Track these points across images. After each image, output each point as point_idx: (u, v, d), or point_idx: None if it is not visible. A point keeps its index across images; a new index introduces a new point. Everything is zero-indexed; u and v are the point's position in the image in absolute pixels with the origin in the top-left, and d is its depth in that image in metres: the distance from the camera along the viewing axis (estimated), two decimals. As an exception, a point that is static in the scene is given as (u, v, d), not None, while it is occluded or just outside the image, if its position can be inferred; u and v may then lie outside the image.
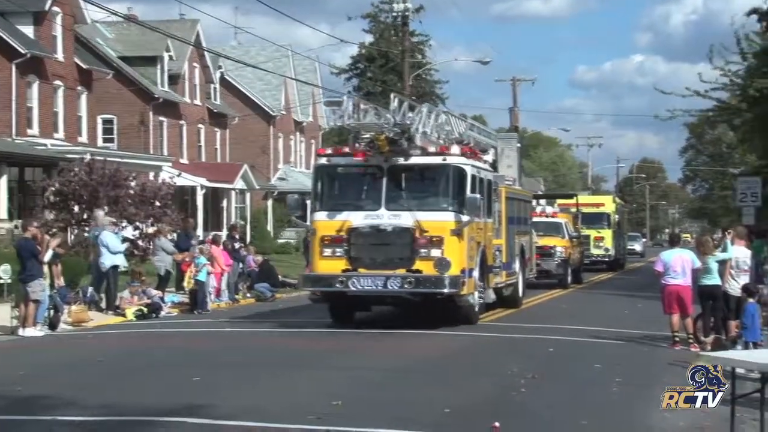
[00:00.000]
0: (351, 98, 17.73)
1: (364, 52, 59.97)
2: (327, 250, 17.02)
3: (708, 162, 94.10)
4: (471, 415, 9.92)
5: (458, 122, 20.51)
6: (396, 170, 17.16)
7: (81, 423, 9.37)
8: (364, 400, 10.67)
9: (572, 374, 12.79)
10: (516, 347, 15.50)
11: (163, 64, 44.59)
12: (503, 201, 20.70)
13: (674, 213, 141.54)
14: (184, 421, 9.34)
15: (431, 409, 10.13)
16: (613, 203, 43.23)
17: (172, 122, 45.35)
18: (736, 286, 14.89)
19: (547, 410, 10.35)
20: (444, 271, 16.49)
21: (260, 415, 9.54)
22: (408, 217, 16.78)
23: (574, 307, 23.30)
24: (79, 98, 39.25)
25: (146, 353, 14.58)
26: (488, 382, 12.05)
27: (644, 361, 14.12)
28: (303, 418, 9.45)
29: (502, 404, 10.61)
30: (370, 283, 16.61)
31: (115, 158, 32.61)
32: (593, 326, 18.00)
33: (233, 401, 10.34)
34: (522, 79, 57.14)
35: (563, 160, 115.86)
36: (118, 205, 27.90)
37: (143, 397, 10.67)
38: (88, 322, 18.49)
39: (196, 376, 11.99)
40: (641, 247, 66.10)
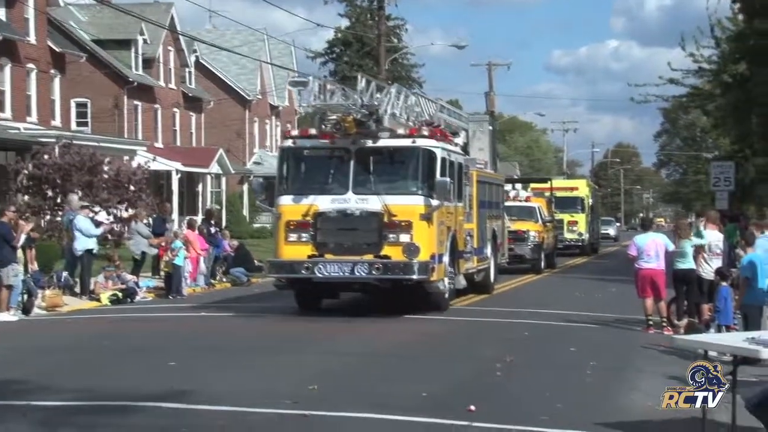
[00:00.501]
0: (317, 78, 17.34)
1: (340, 36, 59.82)
2: (292, 235, 16.70)
3: (682, 147, 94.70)
4: (448, 399, 9.96)
5: (428, 104, 20.17)
6: (364, 153, 16.79)
7: (56, 408, 9.35)
8: (339, 385, 10.70)
9: (547, 358, 12.88)
10: (490, 331, 15.55)
11: (137, 47, 44.26)
12: (474, 185, 20.41)
13: (648, 197, 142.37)
14: (160, 406, 9.33)
15: (408, 393, 10.16)
16: (586, 187, 43.00)
17: (146, 106, 45.05)
18: (709, 269, 15.02)
19: (522, 393, 10.42)
20: (413, 257, 16.18)
21: (236, 400, 9.55)
22: (376, 201, 16.46)
23: (547, 291, 23.30)
24: (52, 81, 38.89)
25: (121, 338, 14.53)
26: (463, 366, 12.11)
27: (618, 345, 14.23)
28: (279, 402, 9.46)
29: (478, 388, 10.67)
30: (336, 269, 16.26)
31: (89, 142, 32.36)
32: (567, 310, 18.11)
33: (209, 386, 10.33)
34: (497, 64, 57.16)
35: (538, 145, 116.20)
36: (91, 190, 27.73)
37: (119, 381, 10.65)
38: (62, 307, 18.40)
39: (171, 361, 11.97)
40: (615, 231, 66.12)
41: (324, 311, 17.71)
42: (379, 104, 16.66)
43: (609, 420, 8.96)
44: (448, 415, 9.01)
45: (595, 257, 40.83)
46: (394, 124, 17.04)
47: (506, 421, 8.86)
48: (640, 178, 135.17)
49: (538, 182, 41.36)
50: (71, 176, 27.66)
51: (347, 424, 8.86)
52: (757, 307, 12.86)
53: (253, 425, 8.75)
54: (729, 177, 34.24)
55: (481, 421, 8.83)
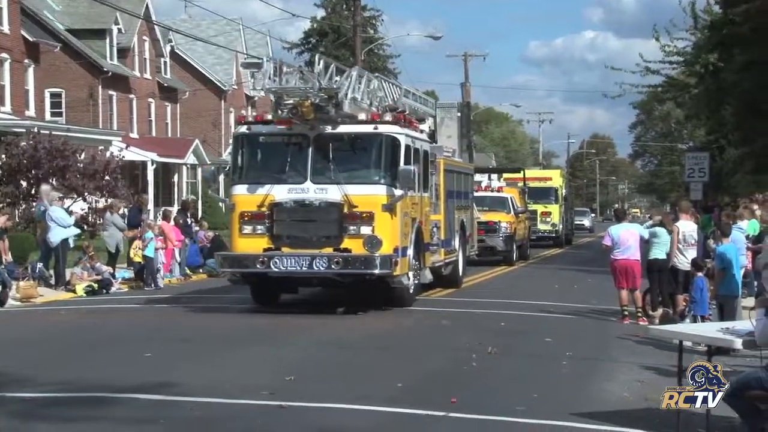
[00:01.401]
0: (272, 60, 16.21)
1: (316, 26, 59.69)
2: (247, 227, 15.89)
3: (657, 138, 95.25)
4: (424, 390, 9.99)
5: (392, 88, 19.11)
6: (323, 140, 15.92)
7: (32, 400, 9.30)
8: (316, 376, 10.70)
9: (522, 348, 12.92)
10: (463, 323, 15.50)
11: (111, 37, 43.95)
12: (441, 174, 19.49)
13: (624, 188, 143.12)
14: (136, 398, 9.31)
15: (384, 384, 10.18)
16: (560, 178, 42.29)
17: (121, 96, 44.77)
18: (684, 260, 15.12)
19: (498, 384, 10.46)
20: (374, 250, 15.36)
21: (213, 391, 9.53)
22: (336, 191, 15.63)
23: (520, 283, 22.98)
24: (26, 71, 38.57)
25: (96, 329, 14.46)
26: (439, 357, 12.12)
27: (594, 335, 14.30)
28: (256, 393, 9.45)
29: (454, 378, 10.70)
30: (293, 263, 15.41)
31: (63, 132, 32.12)
32: (542, 301, 18.16)
33: (185, 377, 10.31)
34: (474, 55, 57.38)
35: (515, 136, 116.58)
36: (65, 178, 27.54)
37: (95, 373, 10.60)
38: (36, 298, 18.28)
39: (147, 353, 11.93)
40: (590, 222, 65.57)
41: (288, 305, 16.97)
42: (339, 88, 15.81)
43: (585, 410, 9.01)
44: (425, 406, 9.04)
45: (570, 248, 40.51)
46: (355, 109, 16.25)
47: (482, 412, 8.90)
48: (616, 169, 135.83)
49: (510, 172, 40.83)
50: (43, 165, 27.47)
51: (325, 415, 8.87)
52: (732, 298, 12.97)
53: (231, 416, 8.74)
54: (703, 168, 34.47)
55: (458, 412, 8.87)
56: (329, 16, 58.93)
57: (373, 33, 57.54)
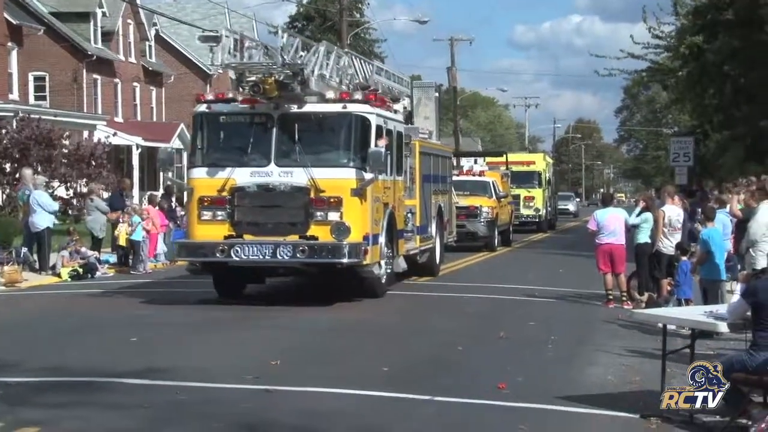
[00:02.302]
0: (232, 33, 15.18)
1: (302, 10, 59.47)
2: (206, 213, 14.92)
3: (642, 122, 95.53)
4: (409, 374, 10.03)
5: (364, 65, 18.08)
6: (287, 119, 14.98)
7: (18, 384, 9.29)
8: (301, 360, 10.72)
9: (506, 332, 12.95)
10: (443, 308, 15.46)
11: (96, 20, 43.68)
12: (417, 156, 18.53)
13: (609, 173, 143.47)
14: (122, 382, 9.31)
15: (369, 368, 10.22)
16: (543, 161, 41.56)
17: (106, 80, 44.53)
18: (669, 244, 15.18)
19: (482, 367, 10.51)
20: (342, 238, 14.40)
21: (198, 376, 9.54)
22: (301, 175, 14.67)
23: (502, 269, 22.31)
24: (9, 55, 38.32)
25: (81, 314, 14.44)
26: (422, 342, 12.15)
27: (578, 319, 14.37)
28: (241, 378, 9.47)
29: (438, 362, 10.74)
30: (256, 251, 14.46)
31: (47, 116, 31.97)
32: (526, 285, 18.19)
33: (170, 362, 10.31)
34: (460, 39, 57.33)
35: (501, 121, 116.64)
36: (51, 165, 27.42)
37: (81, 358, 10.60)
38: (21, 283, 18.22)
39: (132, 337, 11.93)
40: (575, 207, 65.10)
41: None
42: (306, 64, 14.90)
43: (569, 393, 9.07)
44: (411, 390, 9.08)
45: (554, 233, 40.05)
46: (322, 86, 15.34)
47: (467, 395, 8.94)
48: (601, 154, 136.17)
49: (492, 156, 39.70)
50: (29, 151, 27.34)
51: (310, 399, 8.89)
52: (716, 282, 13.06)
53: (217, 400, 8.75)
54: (688, 152, 34.62)
55: (442, 395, 8.91)
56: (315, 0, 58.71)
57: (359, 17, 57.39)
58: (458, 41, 56.77)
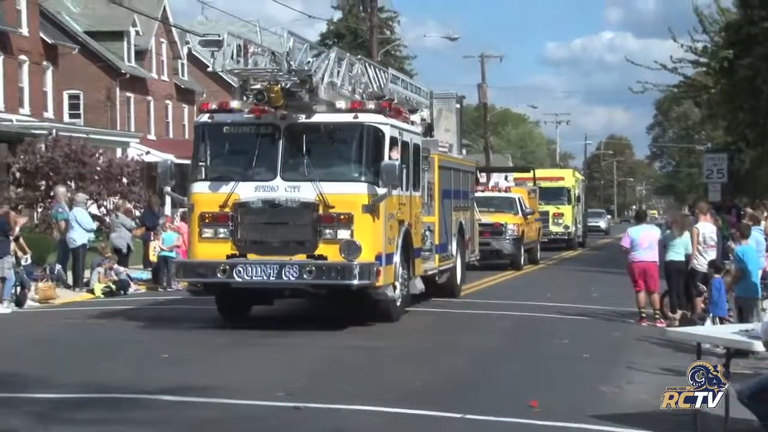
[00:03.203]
0: (236, 37, 14.03)
1: (333, 28, 59.74)
2: (208, 230, 14.00)
3: (675, 139, 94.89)
4: (440, 391, 9.97)
5: (379, 73, 16.92)
6: (295, 130, 14.06)
7: (51, 401, 9.34)
8: (329, 377, 10.70)
9: (538, 350, 12.87)
10: (472, 325, 15.26)
11: (129, 39, 44.17)
12: (436, 171, 17.59)
13: (641, 190, 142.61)
14: (154, 399, 9.33)
15: (399, 385, 10.18)
16: (573, 177, 40.74)
17: (139, 98, 44.97)
18: (703, 262, 15.03)
19: (514, 385, 10.43)
20: (352, 258, 13.46)
21: (230, 393, 9.53)
22: (309, 190, 13.74)
23: (529, 288, 21.49)
24: (44, 73, 38.80)
25: (115, 330, 14.52)
26: (452, 358, 12.08)
27: (611, 337, 14.24)
28: (272, 395, 9.46)
29: (469, 379, 10.68)
30: (259, 272, 13.52)
31: (81, 134, 32.30)
32: (557, 303, 18.02)
33: (202, 378, 10.33)
34: (490, 56, 57.34)
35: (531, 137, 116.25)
36: (84, 182, 27.68)
37: (113, 374, 10.64)
38: (55, 299, 18.37)
39: (164, 353, 11.96)
40: (606, 224, 63.79)
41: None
42: (316, 71, 13.96)
43: (602, 412, 8.98)
44: (441, 407, 9.03)
45: (584, 251, 39.30)
46: (332, 95, 14.38)
47: (499, 413, 8.88)
48: (633, 171, 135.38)
49: (519, 172, 39.28)
50: (60, 169, 27.63)
51: (341, 416, 8.86)
52: (751, 299, 12.90)
53: (247, 417, 8.75)
54: (722, 169, 34.28)
55: (474, 413, 8.85)
56: (346, 17, 58.95)
57: (389, 34, 57.55)
58: (489, 58, 56.81)
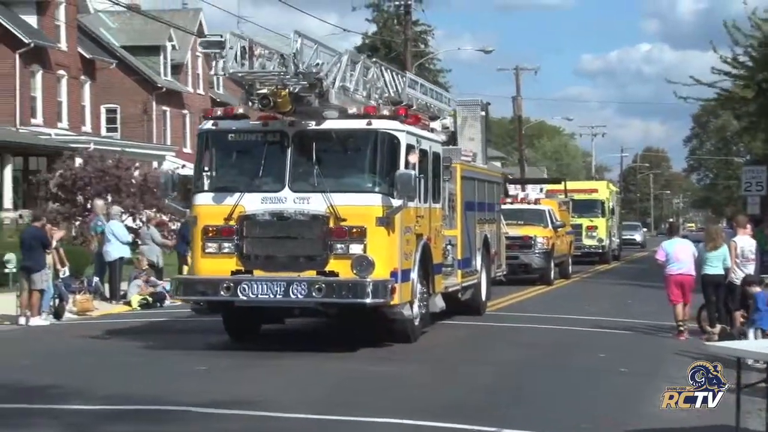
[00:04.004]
0: (239, 38, 13.00)
1: (368, 42, 59.92)
2: (211, 244, 13.16)
3: (712, 151, 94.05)
4: (476, 404, 9.92)
5: (396, 78, 15.97)
6: (304, 138, 13.22)
7: (87, 412, 9.40)
8: (358, 391, 10.64)
9: (575, 364, 12.77)
10: (506, 338, 15.11)
11: (165, 53, 44.60)
12: (458, 181, 16.64)
13: (678, 202, 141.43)
14: (189, 410, 9.36)
15: (433, 398, 10.13)
16: (607, 189, 39.65)
17: (175, 112, 45.37)
18: (741, 275, 14.88)
19: (551, 400, 10.36)
20: (365, 274, 12.61)
21: (264, 405, 9.54)
22: (320, 201, 12.88)
23: (561, 301, 21.25)
24: (82, 88, 39.27)
25: (152, 342, 14.57)
26: (488, 372, 12.01)
27: (649, 351, 14.11)
28: (308, 407, 9.45)
29: (506, 393, 10.61)
30: (265, 290, 12.70)
31: (118, 147, 32.62)
32: (591, 317, 17.84)
33: (237, 391, 10.35)
34: (525, 68, 57.21)
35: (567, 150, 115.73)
36: (119, 195, 27.93)
37: (149, 386, 10.69)
38: (93, 312, 18.53)
39: (200, 366, 12.00)
40: (641, 237, 62.66)
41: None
42: (327, 74, 13.04)
43: (641, 427, 8.89)
44: (477, 421, 8.98)
45: (619, 264, 38.62)
46: (344, 100, 13.53)
47: (536, 428, 8.81)
48: (670, 183, 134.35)
49: (550, 183, 38.31)
50: (97, 182, 27.92)
51: (373, 429, 8.83)
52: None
53: (280, 430, 8.74)
54: (761, 181, 33.90)
55: (510, 428, 8.79)
56: (381, 31, 59.14)
57: (424, 47, 57.62)
58: (523, 70, 56.70)
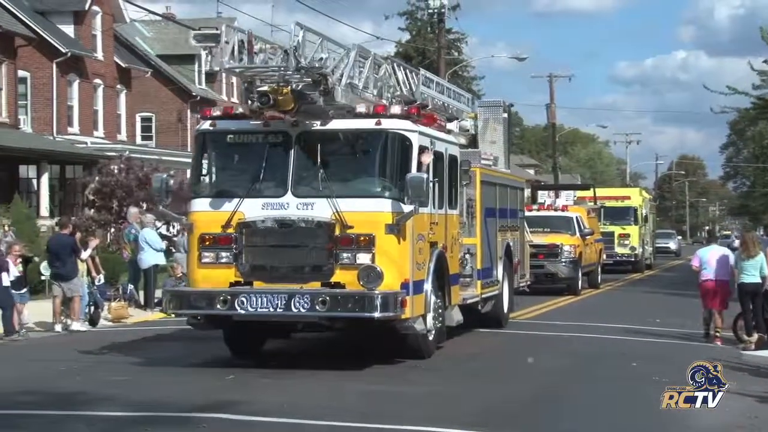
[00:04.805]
0: (237, 30, 12.00)
1: (401, 50, 59.98)
2: (208, 254, 12.26)
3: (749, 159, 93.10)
4: (511, 413, 9.87)
5: (410, 75, 14.90)
6: (309, 139, 12.31)
7: (120, 419, 9.46)
8: (397, 397, 10.63)
9: (607, 373, 12.67)
10: (532, 348, 14.94)
11: (200, 62, 44.89)
12: (477, 186, 15.72)
13: (714, 210, 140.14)
14: (219, 417, 9.39)
15: (466, 407, 10.10)
16: (639, 196, 38.63)
17: (209, 120, 45.63)
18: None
19: (584, 409, 10.29)
20: (373, 286, 11.68)
21: (294, 412, 9.55)
22: (325, 207, 11.98)
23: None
24: (118, 96, 39.63)
25: (185, 349, 14.66)
26: (521, 381, 11.95)
27: (683, 360, 13.92)
28: (337, 415, 9.44)
29: (540, 402, 10.55)
30: (265, 303, 11.74)
31: (153, 156, 32.88)
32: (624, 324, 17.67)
33: (268, 398, 10.37)
34: (559, 76, 56.97)
35: (601, 157, 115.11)
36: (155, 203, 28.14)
37: (182, 393, 10.74)
38: (127, 319, 18.66)
39: (230, 375, 12.02)
40: (676, 245, 60.92)
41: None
42: (334, 69, 12.10)
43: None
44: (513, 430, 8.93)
45: (652, 273, 37.87)
46: (352, 98, 12.54)
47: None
48: (706, 191, 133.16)
49: (577, 189, 37.73)
50: (133, 192, 28.14)
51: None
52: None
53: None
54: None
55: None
56: (414, 39, 59.18)
57: (457, 55, 57.59)
58: (557, 77, 56.49)
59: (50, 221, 30.90)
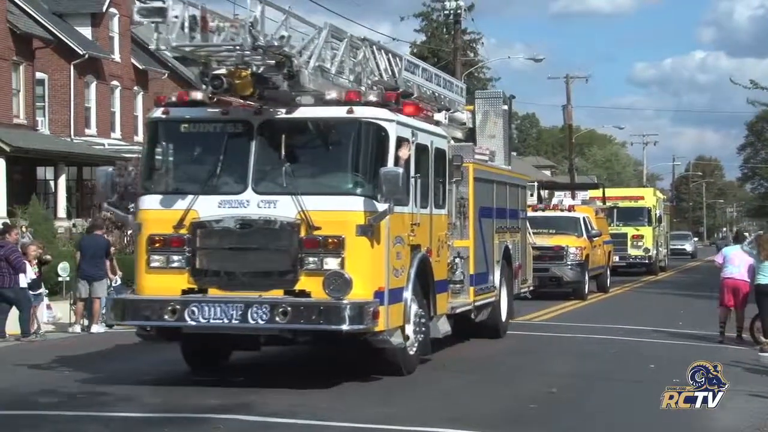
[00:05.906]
0: (188, 4, 10.14)
1: (416, 51, 60.02)
2: (157, 257, 10.98)
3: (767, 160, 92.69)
4: (525, 415, 9.85)
5: (392, 60, 13.23)
6: (272, 128, 11.00)
7: (138, 419, 9.49)
8: (412, 399, 10.61)
9: (624, 375, 12.62)
10: (549, 348, 14.91)
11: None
12: (471, 184, 14.21)
13: (732, 212, 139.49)
14: (236, 418, 9.40)
15: (482, 408, 10.08)
16: (653, 197, 37.76)
17: (226, 122, 45.76)
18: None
19: (601, 412, 10.26)
20: (340, 295, 10.36)
21: (313, 413, 9.54)
22: (289, 205, 10.70)
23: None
24: (135, 98, 39.81)
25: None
26: (531, 383, 11.87)
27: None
28: (353, 416, 9.44)
29: (556, 404, 10.52)
30: (219, 313, 10.47)
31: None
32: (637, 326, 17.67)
33: (286, 399, 10.37)
34: (575, 77, 56.79)
35: (618, 158, 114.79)
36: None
37: (200, 393, 10.74)
38: (143, 320, 18.69)
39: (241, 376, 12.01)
40: (692, 246, 60.26)
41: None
42: (299, 51, 10.73)
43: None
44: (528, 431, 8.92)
45: (667, 275, 37.30)
46: (322, 84, 11.18)
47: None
48: (723, 192, 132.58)
49: (585, 188, 36.91)
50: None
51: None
52: None
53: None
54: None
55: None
56: (429, 40, 59.20)
57: (473, 56, 57.55)
58: (574, 78, 56.35)
59: (67, 222, 31.08)
